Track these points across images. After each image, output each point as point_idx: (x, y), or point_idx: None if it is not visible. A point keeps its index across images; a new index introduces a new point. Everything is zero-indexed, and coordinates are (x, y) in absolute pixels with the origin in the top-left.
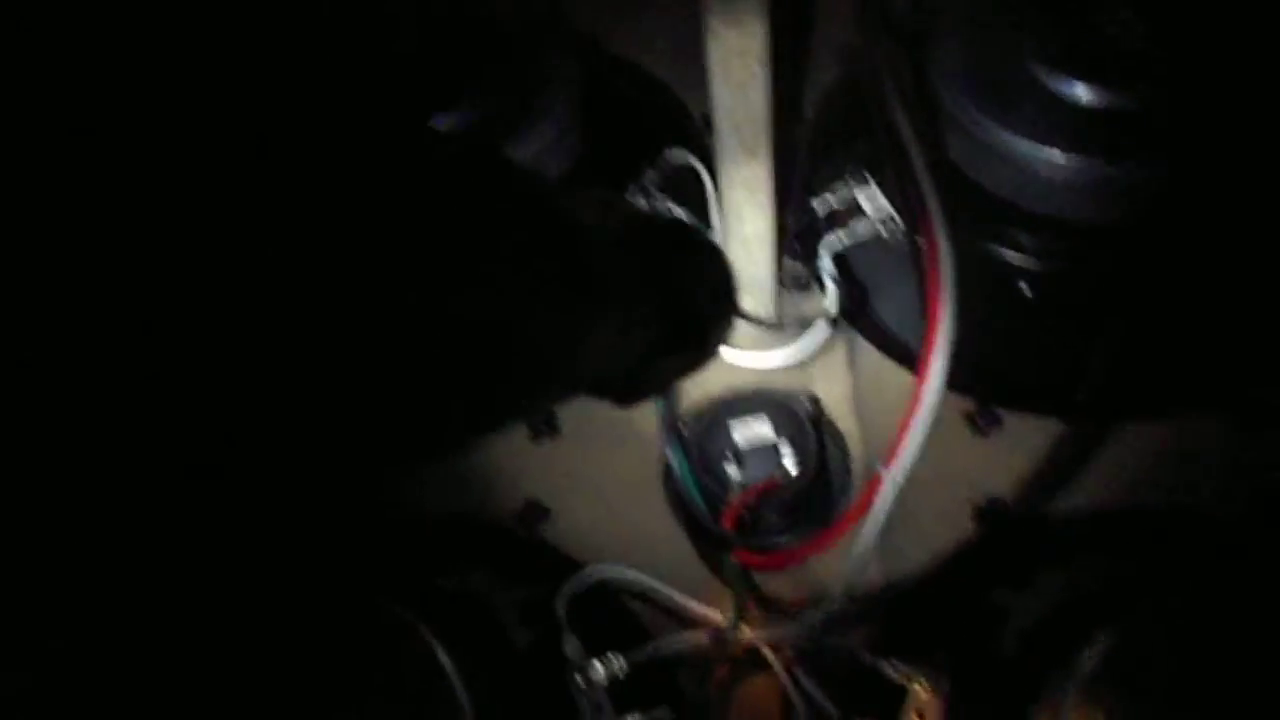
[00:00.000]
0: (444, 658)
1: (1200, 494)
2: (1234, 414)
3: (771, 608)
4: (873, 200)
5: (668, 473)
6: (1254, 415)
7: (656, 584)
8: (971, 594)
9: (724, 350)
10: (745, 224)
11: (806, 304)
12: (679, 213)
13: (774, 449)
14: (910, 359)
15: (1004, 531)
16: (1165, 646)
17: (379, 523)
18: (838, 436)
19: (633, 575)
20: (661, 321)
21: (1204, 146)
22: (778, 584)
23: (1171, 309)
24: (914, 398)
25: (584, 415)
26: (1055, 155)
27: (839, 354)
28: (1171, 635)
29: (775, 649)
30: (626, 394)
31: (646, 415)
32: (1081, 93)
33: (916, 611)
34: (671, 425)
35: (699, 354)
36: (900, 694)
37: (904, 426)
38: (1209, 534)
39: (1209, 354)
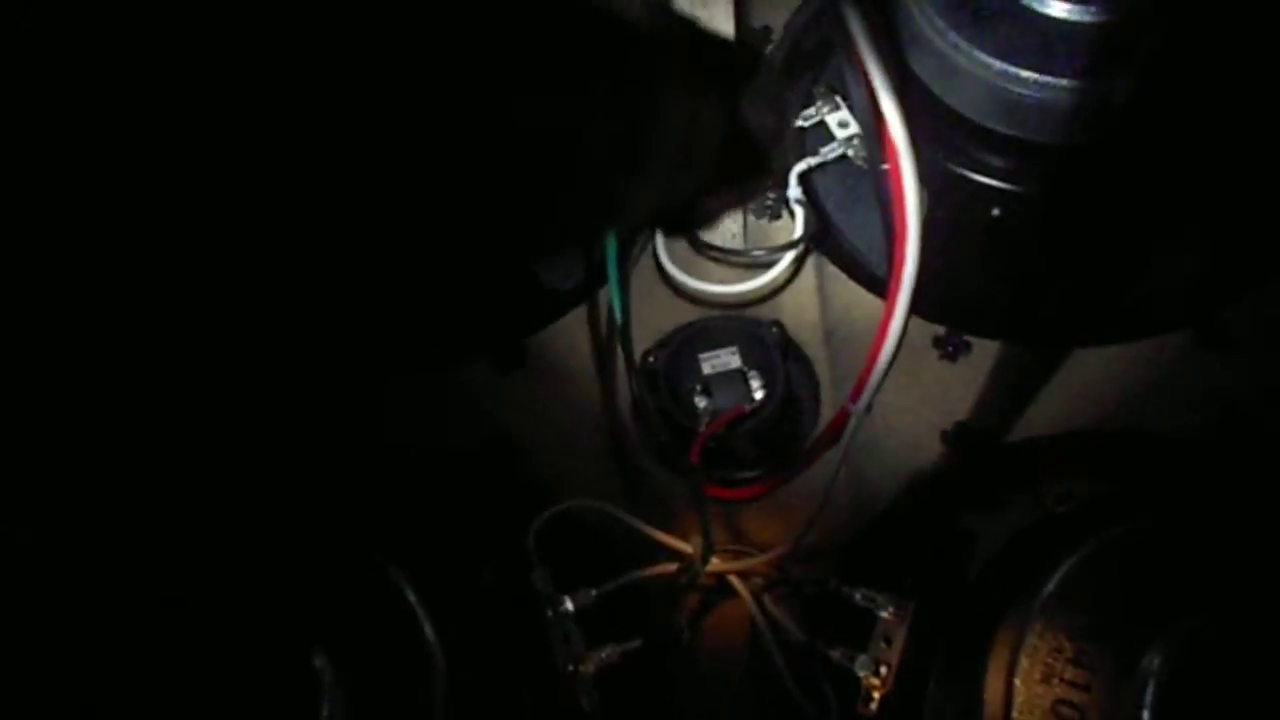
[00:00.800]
0: (411, 595)
1: (1166, 417)
2: (1199, 337)
3: (740, 538)
4: (842, 125)
5: (636, 404)
6: (1219, 338)
7: (625, 516)
8: (938, 519)
9: (691, 280)
10: None
11: (775, 231)
12: None
13: (742, 378)
14: (879, 285)
15: (971, 456)
16: (1129, 569)
17: (346, 458)
18: (806, 364)
19: (602, 508)
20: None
21: (1176, 67)
22: (747, 514)
23: (1146, 232)
24: (881, 326)
25: (550, 348)
26: (1026, 75)
27: (808, 281)
28: (1136, 558)
29: (744, 578)
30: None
31: (615, 345)
32: (1054, 9)
33: (884, 538)
34: (632, 355)
35: (757, 172)
36: (868, 620)
37: (871, 355)
38: (1174, 457)
39: (1176, 277)
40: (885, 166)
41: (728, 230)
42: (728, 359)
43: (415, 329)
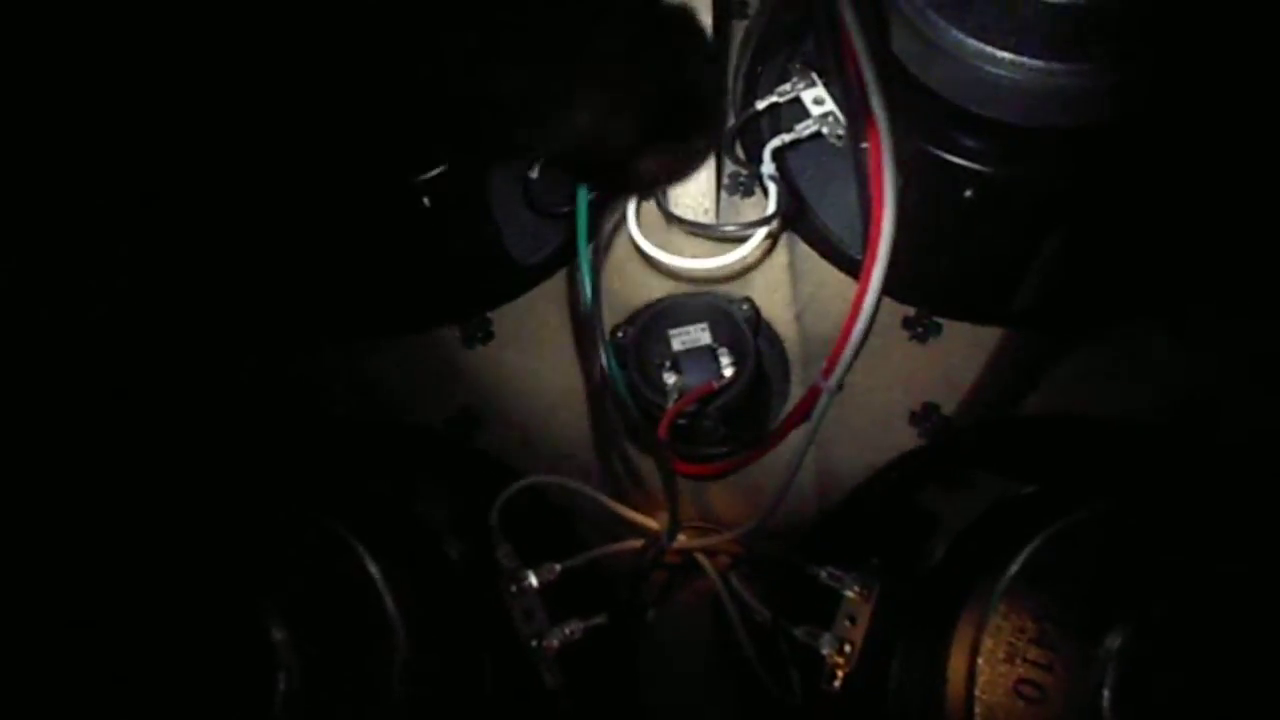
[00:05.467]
0: (373, 568)
1: (1134, 404)
2: (1170, 327)
3: (707, 515)
4: (818, 102)
5: (605, 379)
6: (1189, 329)
7: (592, 492)
8: (905, 499)
9: (663, 255)
10: None
11: (748, 208)
12: None
13: (712, 354)
14: (852, 264)
15: (939, 437)
16: (1093, 552)
17: (307, 428)
18: (777, 342)
19: (568, 483)
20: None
21: (1156, 52)
22: (714, 491)
23: (1116, 219)
24: (854, 304)
25: (519, 322)
26: (1002, 55)
27: (780, 259)
28: (1100, 541)
29: (710, 556)
30: (624, 177)
31: (585, 320)
32: None
33: (850, 517)
34: (601, 330)
35: (694, 135)
36: (833, 599)
37: (843, 334)
38: (1140, 442)
39: (1149, 266)
40: (865, 144)
41: (700, 205)
42: (698, 335)
43: (383, 300)
